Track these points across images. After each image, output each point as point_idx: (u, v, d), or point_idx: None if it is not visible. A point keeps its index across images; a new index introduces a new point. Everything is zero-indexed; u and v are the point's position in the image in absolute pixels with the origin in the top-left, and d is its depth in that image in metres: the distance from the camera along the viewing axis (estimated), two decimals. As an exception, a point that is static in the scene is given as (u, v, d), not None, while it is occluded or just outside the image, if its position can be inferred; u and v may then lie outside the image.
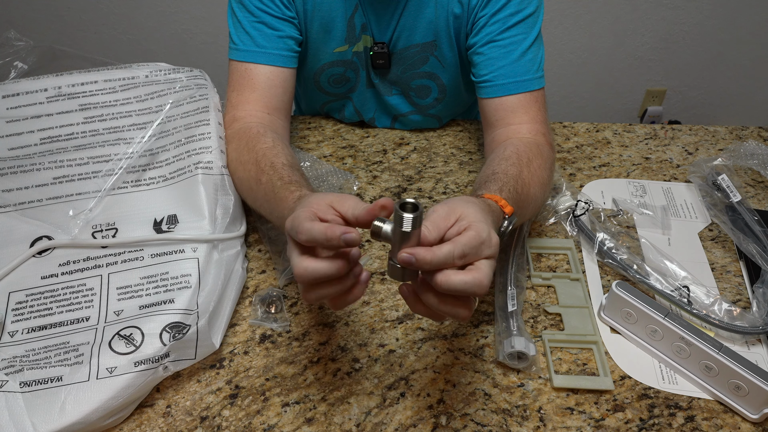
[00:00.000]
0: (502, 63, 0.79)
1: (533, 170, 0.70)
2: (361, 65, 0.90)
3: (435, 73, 0.89)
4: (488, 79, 0.80)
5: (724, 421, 0.59)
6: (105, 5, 1.94)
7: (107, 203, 0.70)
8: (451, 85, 0.91)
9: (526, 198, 0.67)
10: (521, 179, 0.67)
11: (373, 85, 0.93)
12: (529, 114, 0.79)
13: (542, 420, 0.59)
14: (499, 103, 0.80)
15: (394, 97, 0.94)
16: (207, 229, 0.68)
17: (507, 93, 0.79)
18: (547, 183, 0.73)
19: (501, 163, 0.70)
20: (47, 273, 0.64)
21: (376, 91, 0.94)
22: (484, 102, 0.82)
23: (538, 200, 0.71)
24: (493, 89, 0.80)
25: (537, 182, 0.70)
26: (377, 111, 0.97)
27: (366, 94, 0.94)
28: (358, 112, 0.97)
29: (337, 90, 0.94)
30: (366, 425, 0.59)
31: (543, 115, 0.80)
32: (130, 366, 0.57)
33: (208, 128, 0.77)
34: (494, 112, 0.81)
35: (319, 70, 0.90)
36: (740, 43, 2.01)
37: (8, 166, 0.72)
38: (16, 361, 0.57)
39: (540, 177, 0.71)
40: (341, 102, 0.97)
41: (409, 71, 0.89)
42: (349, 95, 0.95)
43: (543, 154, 0.74)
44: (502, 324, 0.66)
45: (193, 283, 0.63)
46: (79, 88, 0.80)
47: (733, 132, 0.98)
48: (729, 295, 0.71)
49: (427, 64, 0.88)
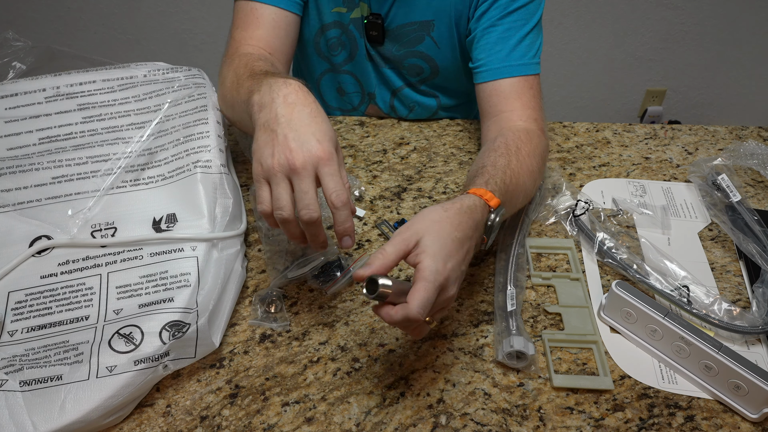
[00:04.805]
0: (499, 48, 0.80)
1: (522, 158, 0.71)
2: (358, 34, 0.91)
3: (429, 54, 0.91)
4: (483, 64, 0.81)
5: (724, 421, 0.59)
6: (105, 5, 1.93)
7: (106, 202, 0.70)
8: (445, 68, 0.92)
9: (516, 188, 0.68)
10: (510, 169, 0.68)
11: (371, 58, 0.94)
12: (521, 100, 0.80)
13: (542, 420, 0.59)
14: (493, 89, 0.81)
15: (388, 70, 0.95)
16: (206, 227, 0.68)
17: (500, 77, 0.80)
18: (536, 170, 0.74)
19: (490, 155, 0.70)
20: (46, 272, 0.64)
21: (375, 64, 0.95)
22: (479, 89, 0.83)
23: (528, 188, 0.72)
24: (487, 73, 0.81)
25: (526, 170, 0.71)
26: (378, 85, 0.98)
27: (366, 66, 0.95)
28: (360, 84, 0.98)
29: (335, 57, 0.95)
30: (366, 425, 0.59)
31: (536, 102, 0.80)
32: (129, 365, 0.57)
33: (206, 127, 0.77)
34: (488, 99, 0.81)
35: (319, 31, 0.91)
36: (740, 43, 2.01)
37: (7, 166, 0.72)
38: (15, 360, 0.57)
39: (529, 165, 0.72)
40: (340, 76, 0.98)
41: (403, 49, 0.90)
42: (347, 66, 0.96)
43: (532, 140, 0.75)
44: (502, 324, 0.65)
45: (192, 282, 0.63)
46: (78, 88, 0.80)
47: (733, 132, 0.98)
48: (729, 295, 0.71)
49: (422, 44, 0.89)
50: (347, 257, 0.75)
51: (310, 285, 0.72)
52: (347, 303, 0.70)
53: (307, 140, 0.56)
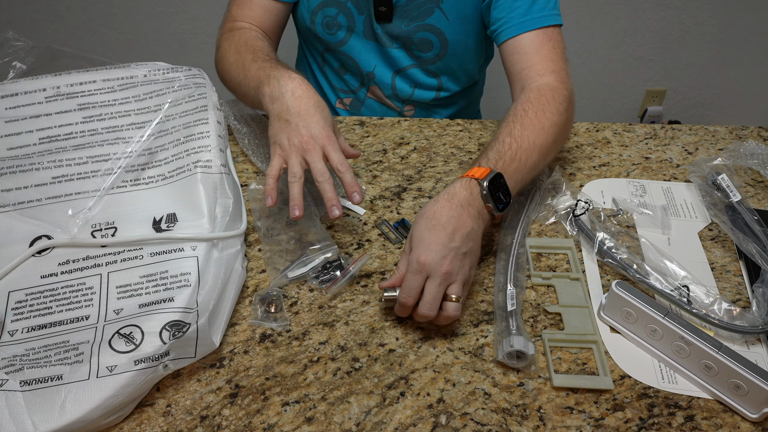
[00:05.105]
0: (518, 5, 0.83)
1: (527, 122, 0.75)
2: (357, 11, 0.92)
3: (438, 27, 0.92)
4: (504, 22, 0.84)
5: (724, 421, 0.59)
6: (105, 5, 1.93)
7: (106, 202, 0.70)
8: (454, 41, 0.94)
9: (519, 151, 0.73)
10: (510, 137, 0.74)
11: (376, 37, 0.94)
12: (540, 54, 0.83)
13: (542, 419, 0.59)
14: (514, 47, 0.84)
15: (395, 49, 0.96)
16: (206, 227, 0.68)
17: (520, 31, 0.83)
18: (548, 126, 0.77)
19: (500, 128, 0.77)
20: (47, 272, 0.64)
21: (379, 43, 0.96)
22: (502, 50, 0.86)
23: (541, 145, 0.75)
24: (509, 30, 0.84)
25: (533, 131, 0.75)
26: (378, 65, 0.99)
27: (368, 46, 0.96)
28: (358, 65, 0.99)
29: (331, 37, 0.97)
30: (366, 424, 0.59)
31: (556, 53, 0.83)
32: (130, 364, 0.57)
33: (206, 127, 0.77)
34: (510, 57, 0.85)
35: (315, 9, 0.93)
36: (740, 43, 2.01)
37: (7, 166, 0.72)
38: (16, 360, 0.57)
39: (535, 125, 0.76)
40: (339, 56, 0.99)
41: (412, 24, 0.92)
42: (344, 47, 0.97)
43: (544, 96, 0.78)
44: (502, 323, 0.65)
45: (192, 282, 0.63)
46: (78, 88, 0.80)
47: (733, 132, 0.98)
48: (729, 295, 0.71)
49: (432, 17, 0.91)
50: (347, 257, 0.75)
51: (310, 285, 0.72)
52: (347, 303, 0.70)
53: (313, 127, 0.72)
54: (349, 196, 0.72)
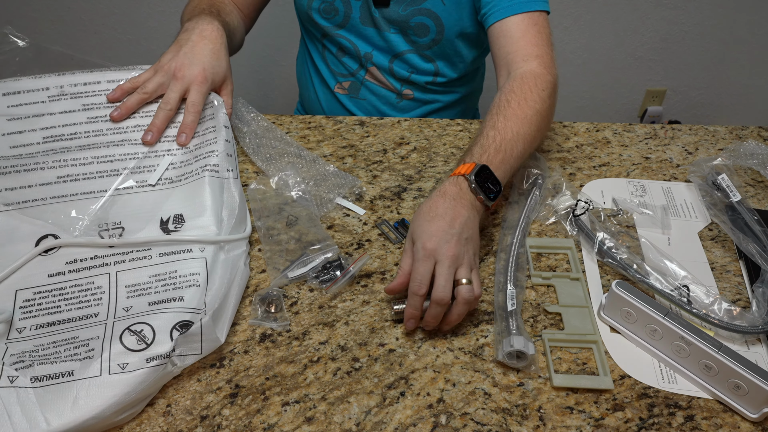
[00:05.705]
0: None
1: (510, 113, 0.76)
2: None
3: (434, 12, 0.93)
4: (492, 6, 0.85)
5: (724, 421, 0.60)
6: (105, 5, 1.93)
7: (113, 203, 0.70)
8: (450, 27, 0.95)
9: (503, 142, 0.74)
10: (494, 129, 0.75)
11: (373, 21, 0.96)
12: (525, 38, 0.83)
13: (542, 419, 0.59)
14: (500, 31, 0.85)
15: (393, 34, 0.97)
16: (213, 229, 0.68)
17: (507, 15, 0.84)
18: (531, 115, 0.78)
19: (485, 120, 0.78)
20: (54, 271, 0.64)
21: (376, 28, 0.97)
22: (490, 34, 0.87)
23: (525, 134, 0.76)
24: (497, 13, 0.84)
25: (516, 121, 0.76)
26: (376, 50, 1.00)
27: (366, 32, 0.98)
28: (355, 47, 1.00)
29: (329, 22, 0.98)
30: (366, 424, 0.59)
31: (541, 38, 0.83)
32: (141, 362, 0.57)
33: (214, 134, 0.77)
34: (496, 41, 0.86)
35: None
36: (740, 43, 2.01)
37: (11, 164, 0.72)
38: (25, 356, 0.57)
39: (518, 115, 0.77)
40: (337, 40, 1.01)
41: (409, 8, 0.93)
42: (342, 30, 0.98)
43: (526, 84, 0.79)
44: (502, 323, 0.66)
45: (201, 282, 0.63)
46: (82, 88, 0.80)
47: (733, 132, 0.98)
48: (729, 295, 0.71)
49: (428, 1, 0.92)
50: (347, 257, 0.75)
51: (310, 285, 0.72)
52: (347, 303, 0.70)
53: (195, 64, 0.78)
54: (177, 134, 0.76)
